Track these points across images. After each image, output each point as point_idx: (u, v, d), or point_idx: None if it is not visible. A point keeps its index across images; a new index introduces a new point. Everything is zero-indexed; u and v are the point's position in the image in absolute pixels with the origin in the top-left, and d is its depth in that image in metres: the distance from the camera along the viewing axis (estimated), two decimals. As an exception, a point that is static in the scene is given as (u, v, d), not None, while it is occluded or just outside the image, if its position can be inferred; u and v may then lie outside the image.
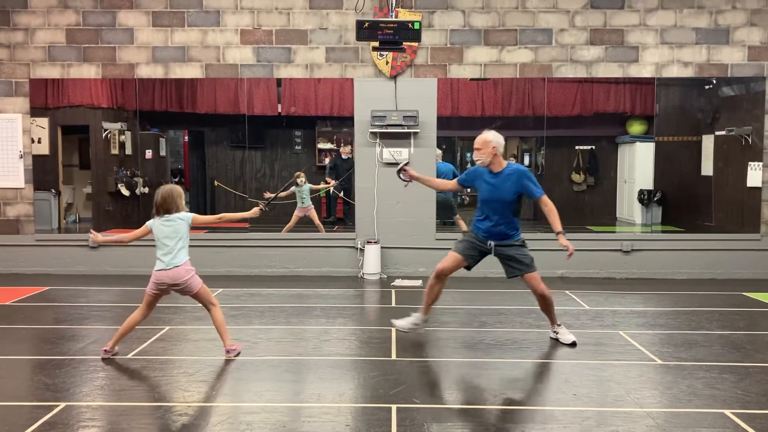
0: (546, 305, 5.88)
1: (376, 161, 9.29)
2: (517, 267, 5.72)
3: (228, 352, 5.41)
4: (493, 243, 5.70)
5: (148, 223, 5.29)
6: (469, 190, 6.06)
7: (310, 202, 10.48)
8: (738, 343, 5.92)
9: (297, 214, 10.40)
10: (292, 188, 10.32)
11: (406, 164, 6.01)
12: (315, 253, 9.41)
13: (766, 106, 9.20)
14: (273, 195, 10.22)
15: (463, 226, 9.81)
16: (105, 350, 5.37)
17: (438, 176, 8.96)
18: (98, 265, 9.36)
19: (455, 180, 6.07)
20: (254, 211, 5.60)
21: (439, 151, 10.03)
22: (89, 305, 7.41)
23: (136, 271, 9.23)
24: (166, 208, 5.21)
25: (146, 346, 5.69)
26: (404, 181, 6.02)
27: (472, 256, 5.79)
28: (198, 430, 4.00)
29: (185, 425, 4.07)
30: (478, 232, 5.77)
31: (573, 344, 5.79)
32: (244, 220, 10.13)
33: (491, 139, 5.59)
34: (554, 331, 5.97)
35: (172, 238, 5.21)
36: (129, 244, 5.68)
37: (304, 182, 10.52)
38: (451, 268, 5.80)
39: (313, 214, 10.42)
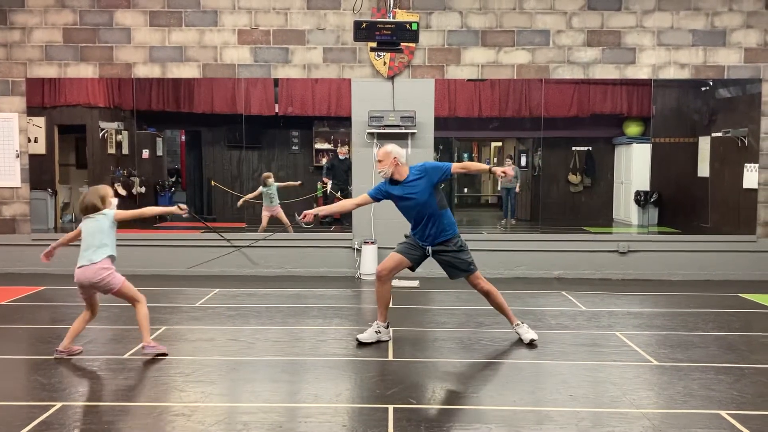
0: (495, 302, 5.89)
1: (373, 162, 9.29)
2: (456, 272, 5.78)
3: (144, 348, 5.34)
4: (430, 247, 5.73)
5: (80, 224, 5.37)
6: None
7: (278, 202, 10.47)
8: (733, 344, 5.94)
9: (265, 213, 10.40)
10: (260, 189, 10.39)
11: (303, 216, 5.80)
12: (312, 254, 9.41)
13: (762, 108, 9.23)
14: (243, 198, 10.31)
15: None
16: (58, 350, 5.35)
17: None
18: (95, 265, 9.33)
19: (364, 195, 5.94)
20: (174, 209, 5.64)
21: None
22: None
23: (133, 271, 9.19)
24: (90, 205, 5.29)
25: (142, 352, 5.67)
26: (306, 225, 5.82)
27: (414, 256, 5.79)
28: (195, 430, 3.99)
29: (182, 425, 4.06)
30: (416, 238, 5.81)
31: (532, 342, 5.78)
32: (201, 221, 10.16)
33: (390, 149, 5.63)
34: (516, 330, 5.92)
35: (94, 235, 5.26)
36: (70, 244, 5.70)
37: (272, 183, 10.54)
38: (391, 268, 5.77)
39: (281, 214, 10.42)
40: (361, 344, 5.75)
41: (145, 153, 10.94)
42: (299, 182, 11.04)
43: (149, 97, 10.31)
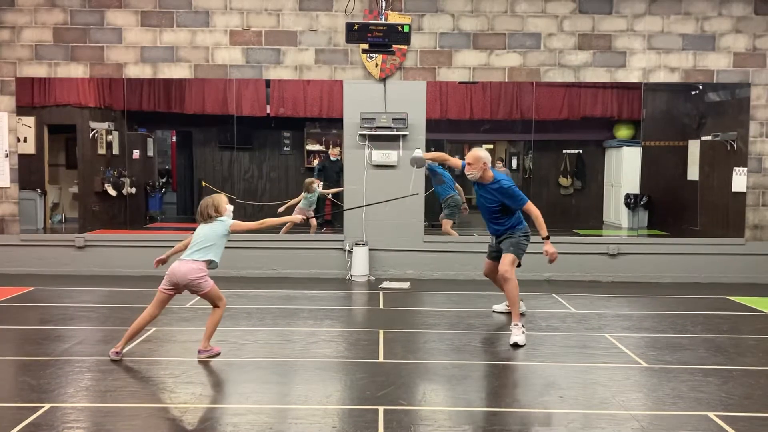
0: (507, 292, 6.42)
1: (365, 163, 9.30)
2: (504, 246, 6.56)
3: (200, 352, 5.44)
4: (495, 238, 6.69)
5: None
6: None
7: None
8: (722, 346, 5.98)
9: (297, 214, 10.33)
10: (303, 195, 10.31)
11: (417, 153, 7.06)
12: (303, 255, 9.40)
13: (750, 112, 9.30)
14: (286, 205, 10.27)
15: (450, 232, 9.82)
16: (115, 352, 5.35)
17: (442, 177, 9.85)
18: (84, 266, 9.29)
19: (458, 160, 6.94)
20: (294, 218, 6.01)
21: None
22: (75, 306, 7.35)
23: (123, 272, 9.19)
24: (204, 214, 5.49)
25: (132, 347, 5.66)
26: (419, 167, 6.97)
27: (496, 256, 6.71)
28: (184, 431, 3.98)
29: (171, 427, 4.05)
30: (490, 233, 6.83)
31: (515, 345, 5.85)
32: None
33: (483, 156, 6.32)
34: (512, 326, 6.19)
35: (203, 237, 5.41)
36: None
37: (316, 189, 10.45)
38: (487, 272, 7.01)
39: (311, 214, 10.38)
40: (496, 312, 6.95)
41: (136, 153, 10.90)
42: (320, 183, 10.94)
43: (140, 98, 10.28)
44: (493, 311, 7.20)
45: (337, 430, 4.01)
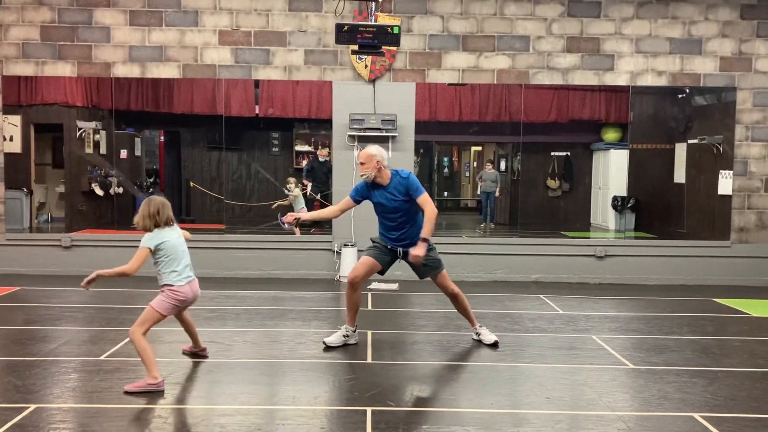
0: (461, 305, 5.91)
1: (353, 164, 9.30)
2: (427, 270, 5.75)
3: (185, 350, 5.46)
4: (401, 249, 5.69)
5: (146, 241, 4.77)
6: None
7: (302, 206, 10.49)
8: (707, 348, 6.03)
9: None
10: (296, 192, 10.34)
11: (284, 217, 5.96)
12: (291, 256, 9.38)
13: (736, 116, 9.38)
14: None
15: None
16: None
17: None
18: (71, 266, 9.23)
19: (347, 198, 5.82)
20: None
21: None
22: (61, 306, 7.30)
23: (110, 272, 9.11)
24: (168, 216, 4.84)
25: (119, 347, 5.63)
26: (285, 225, 5.94)
27: (385, 260, 5.74)
28: (171, 432, 3.97)
29: (158, 427, 4.03)
30: (386, 240, 5.74)
31: (495, 344, 5.84)
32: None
33: (375, 152, 5.55)
34: (476, 333, 5.98)
35: (185, 250, 4.91)
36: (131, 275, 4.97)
37: (295, 190, 10.47)
38: (364, 274, 5.68)
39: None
40: (328, 348, 5.72)
41: (123, 153, 10.85)
42: (309, 184, 10.97)
43: (128, 97, 10.23)
44: (326, 345, 5.78)
45: (325, 430, 4.01)
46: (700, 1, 9.23)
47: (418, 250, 5.45)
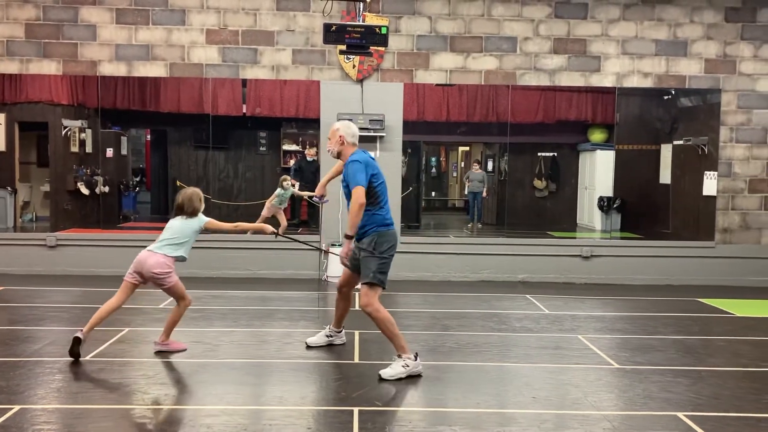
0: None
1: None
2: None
3: (156, 344, 5.46)
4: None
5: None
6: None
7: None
8: (692, 347, 6.08)
9: (265, 214, 10.28)
10: (277, 191, 10.28)
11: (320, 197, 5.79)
12: (278, 256, 9.36)
13: (721, 118, 9.47)
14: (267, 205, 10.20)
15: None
16: (80, 330, 5.28)
17: None
18: (56, 265, 9.15)
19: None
20: (263, 227, 5.68)
21: None
22: (46, 306, 7.24)
23: (95, 272, 9.06)
24: (186, 207, 5.36)
25: (105, 347, 5.59)
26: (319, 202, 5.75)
27: (355, 264, 5.22)
28: (157, 433, 3.95)
29: (144, 428, 4.01)
30: None
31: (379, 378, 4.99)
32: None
33: (338, 126, 5.18)
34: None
35: (176, 231, 5.33)
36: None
37: (290, 186, 10.38)
38: (344, 281, 5.49)
39: (281, 214, 10.32)
40: (311, 348, 5.71)
41: (109, 152, 10.78)
42: (296, 183, 10.88)
43: (114, 96, 10.17)
44: (307, 345, 5.72)
45: (312, 431, 4.01)
46: (685, 3, 9.31)
47: (342, 250, 5.03)
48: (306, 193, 10.69)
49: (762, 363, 5.63)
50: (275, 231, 5.67)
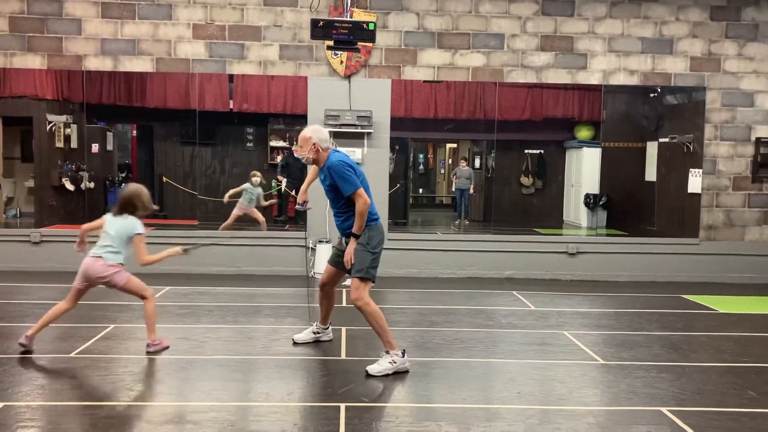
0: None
1: (328, 160, 9.27)
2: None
3: (148, 345, 5.38)
4: (344, 239, 5.25)
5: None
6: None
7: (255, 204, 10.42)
8: (676, 343, 6.14)
9: (236, 213, 10.29)
10: (245, 186, 10.28)
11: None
12: (265, 252, 9.34)
13: (706, 116, 9.54)
14: (227, 195, 10.20)
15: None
16: (25, 336, 5.22)
17: None
18: (40, 262, 9.08)
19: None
20: (173, 251, 5.58)
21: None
22: (30, 302, 7.18)
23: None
24: (129, 204, 5.30)
25: (90, 344, 5.56)
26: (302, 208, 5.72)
27: (340, 260, 5.29)
28: (144, 429, 3.93)
29: (130, 425, 4.00)
30: (338, 231, 5.37)
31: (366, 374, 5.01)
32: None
33: (310, 135, 5.11)
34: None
35: (114, 237, 5.24)
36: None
37: (258, 183, 10.42)
38: (326, 279, 5.52)
39: (256, 212, 10.34)
40: (298, 344, 5.72)
41: (95, 147, 10.69)
42: (284, 180, 10.94)
43: (100, 91, 10.08)
44: (294, 342, 5.75)
45: (299, 427, 4.01)
46: (671, 1, 9.37)
47: (348, 248, 5.09)
48: (270, 202, 10.73)
49: (744, 358, 5.69)
50: (182, 249, 5.68)
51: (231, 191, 10.36)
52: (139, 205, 5.31)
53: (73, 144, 10.27)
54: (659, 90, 10.07)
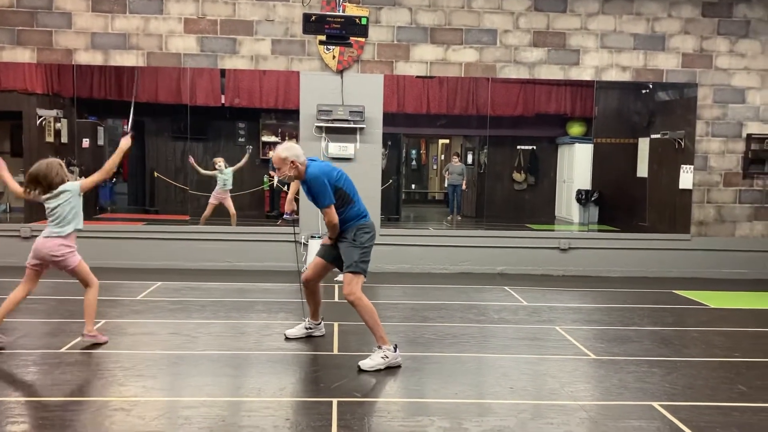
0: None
1: (321, 155, 9.25)
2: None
3: (83, 335, 5.35)
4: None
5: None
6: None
7: (230, 187, 10.46)
8: (667, 338, 6.16)
9: (213, 202, 10.30)
10: (214, 173, 10.38)
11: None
12: (257, 247, 9.32)
13: (697, 112, 9.57)
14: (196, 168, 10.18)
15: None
16: None
17: None
18: (30, 257, 9.02)
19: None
20: (126, 141, 5.51)
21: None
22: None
23: (71, 263, 8.94)
24: (47, 183, 5.19)
25: (80, 340, 5.53)
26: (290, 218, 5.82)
27: (333, 255, 5.38)
28: (135, 425, 3.91)
29: (121, 420, 3.98)
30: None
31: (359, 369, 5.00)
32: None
33: (285, 155, 5.11)
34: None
35: (60, 211, 5.21)
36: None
37: (224, 168, 10.49)
38: (312, 274, 5.54)
39: (229, 202, 10.34)
40: (290, 339, 5.71)
41: (86, 142, 10.63)
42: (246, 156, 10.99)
43: (90, 85, 10.02)
44: (286, 337, 5.76)
45: (291, 422, 4.01)
46: (663, -2, 9.39)
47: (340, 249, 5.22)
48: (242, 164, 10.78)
49: (734, 353, 5.73)
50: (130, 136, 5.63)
51: (202, 171, 10.45)
52: (45, 182, 5.20)
53: (64, 139, 10.20)
54: (651, 86, 10.09)
